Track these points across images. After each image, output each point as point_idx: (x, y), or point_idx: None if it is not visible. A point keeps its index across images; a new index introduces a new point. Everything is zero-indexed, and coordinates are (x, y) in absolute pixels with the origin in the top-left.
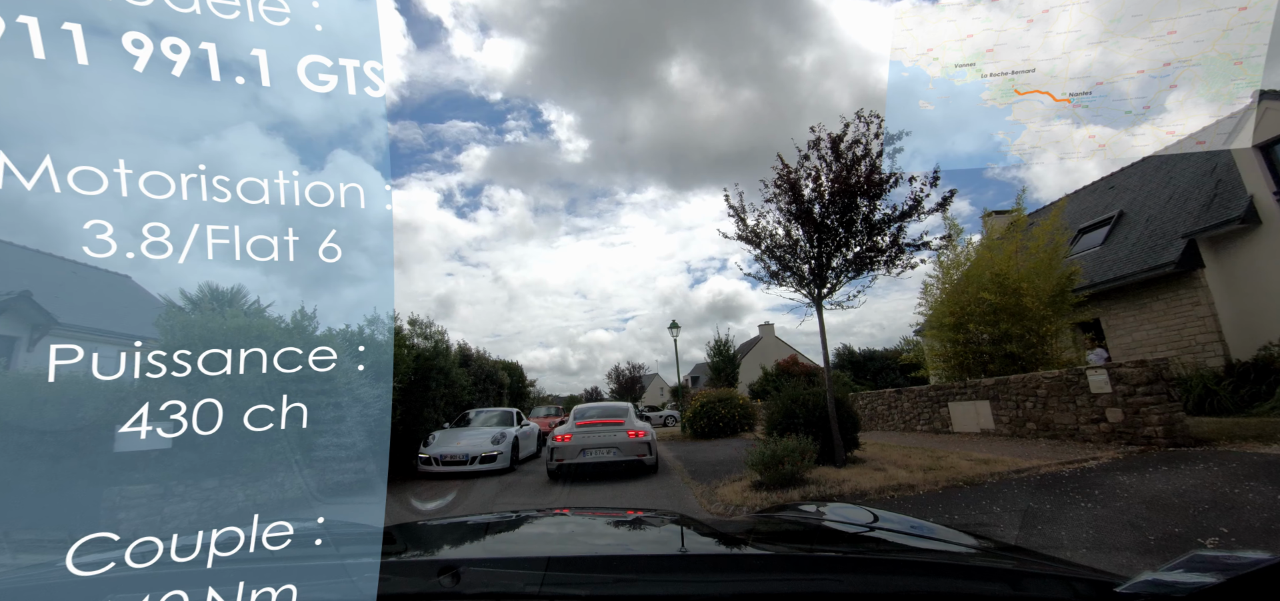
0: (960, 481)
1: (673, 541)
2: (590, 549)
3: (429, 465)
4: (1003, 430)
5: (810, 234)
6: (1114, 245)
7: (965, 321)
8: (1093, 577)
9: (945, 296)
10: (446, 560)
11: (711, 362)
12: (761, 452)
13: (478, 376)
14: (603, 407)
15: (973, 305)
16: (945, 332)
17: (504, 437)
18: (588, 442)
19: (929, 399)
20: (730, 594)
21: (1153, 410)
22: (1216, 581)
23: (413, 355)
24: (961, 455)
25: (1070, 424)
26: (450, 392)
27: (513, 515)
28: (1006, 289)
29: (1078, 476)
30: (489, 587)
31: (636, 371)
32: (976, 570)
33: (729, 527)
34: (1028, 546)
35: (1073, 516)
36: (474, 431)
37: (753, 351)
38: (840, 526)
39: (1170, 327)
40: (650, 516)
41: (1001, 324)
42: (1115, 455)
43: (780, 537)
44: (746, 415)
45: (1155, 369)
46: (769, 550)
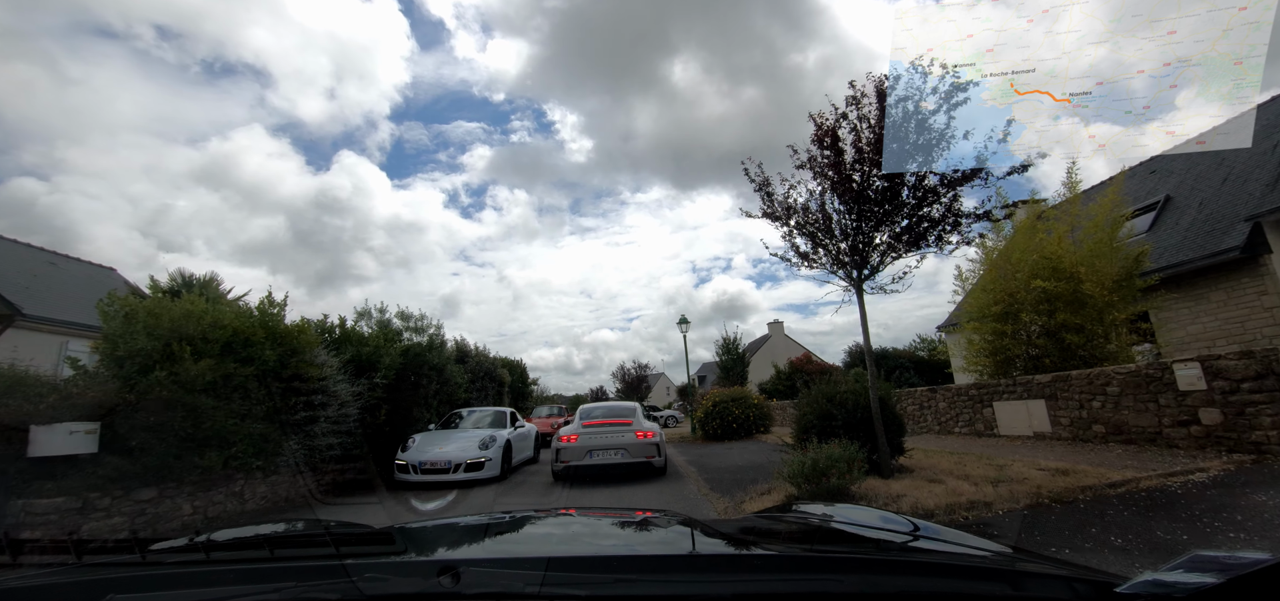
0: (1045, 498)
1: (673, 541)
2: (591, 549)
3: (406, 473)
4: (1062, 433)
5: (850, 205)
6: (1162, 232)
7: (1015, 310)
8: (1093, 577)
9: (990, 283)
10: (446, 560)
11: (720, 361)
12: (801, 461)
13: (475, 374)
14: (610, 407)
15: (1023, 293)
16: (988, 325)
17: (494, 441)
18: (594, 444)
19: (969, 399)
20: (731, 594)
21: (1264, 411)
22: (1216, 581)
23: (400, 350)
24: (1028, 463)
25: (1150, 426)
26: (445, 390)
27: (513, 515)
28: (1062, 274)
29: (1193, 493)
30: (489, 587)
31: (642, 371)
32: (976, 570)
33: (730, 527)
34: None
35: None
36: (461, 434)
37: (761, 350)
38: (841, 526)
39: (1231, 320)
40: (651, 517)
41: (1058, 313)
42: (1224, 466)
43: (781, 537)
44: (762, 416)
45: (1264, 361)
46: (770, 550)
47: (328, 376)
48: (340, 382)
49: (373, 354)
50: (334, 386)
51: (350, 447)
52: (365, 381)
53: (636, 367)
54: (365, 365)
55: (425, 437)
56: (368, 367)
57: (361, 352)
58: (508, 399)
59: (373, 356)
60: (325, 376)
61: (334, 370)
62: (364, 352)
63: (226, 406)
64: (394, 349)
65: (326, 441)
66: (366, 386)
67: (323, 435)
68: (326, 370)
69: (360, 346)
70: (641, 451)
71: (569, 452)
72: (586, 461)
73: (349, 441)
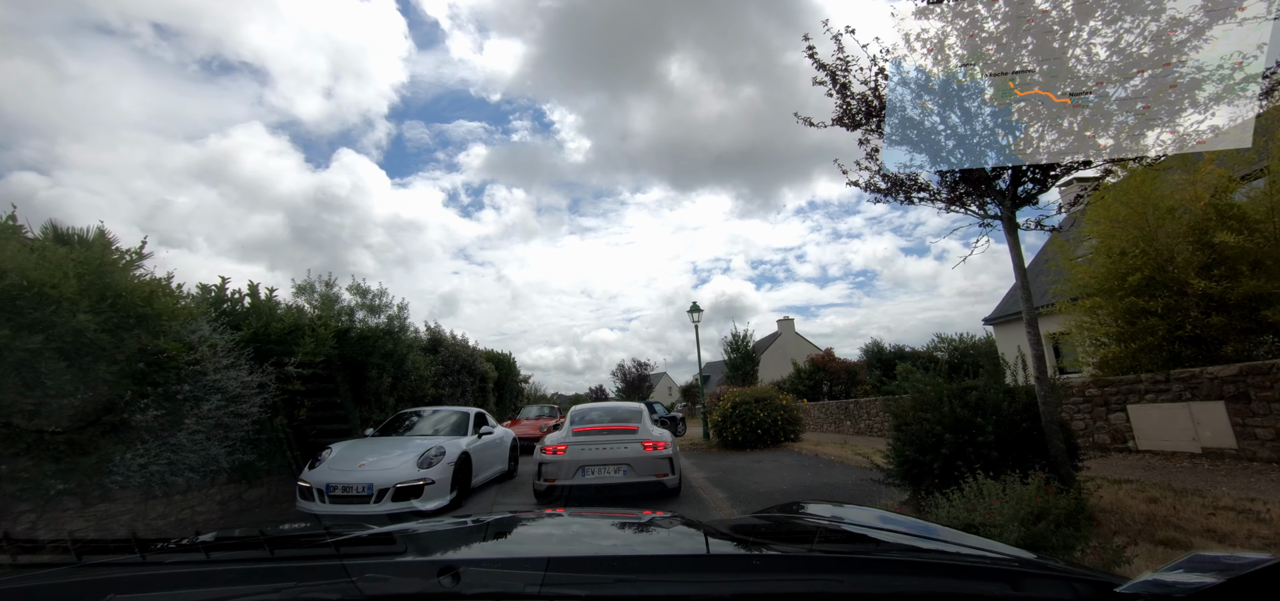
0: None
1: (674, 541)
2: (591, 549)
3: (310, 500)
4: (1259, 451)
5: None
6: None
7: (1167, 278)
8: (1093, 578)
9: (1118, 244)
10: (447, 560)
11: (728, 359)
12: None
13: (449, 366)
14: (608, 409)
15: (1186, 252)
16: (1118, 301)
17: (441, 456)
18: (589, 457)
19: (1085, 401)
20: (732, 594)
21: None
22: (1216, 581)
23: (333, 331)
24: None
25: None
26: (405, 385)
27: (513, 516)
28: (1250, 224)
29: None
30: (489, 587)
31: (644, 369)
32: (976, 570)
33: (730, 527)
34: None
35: None
36: (401, 443)
37: (771, 348)
38: (842, 526)
39: None
40: (651, 517)
41: (1245, 280)
42: None
43: (782, 537)
44: (790, 420)
45: None
46: (771, 550)
47: (203, 359)
48: (228, 369)
49: (286, 333)
50: (216, 373)
51: (248, 461)
52: (274, 368)
53: (637, 366)
54: (275, 347)
55: (348, 448)
56: (280, 351)
57: (270, 330)
58: (492, 397)
59: (287, 336)
60: (200, 359)
61: (218, 350)
62: (273, 330)
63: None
64: (325, 330)
65: (205, 452)
66: (276, 375)
67: (193, 445)
68: (203, 351)
69: (269, 322)
70: (649, 468)
71: (555, 468)
72: (578, 480)
73: (247, 452)
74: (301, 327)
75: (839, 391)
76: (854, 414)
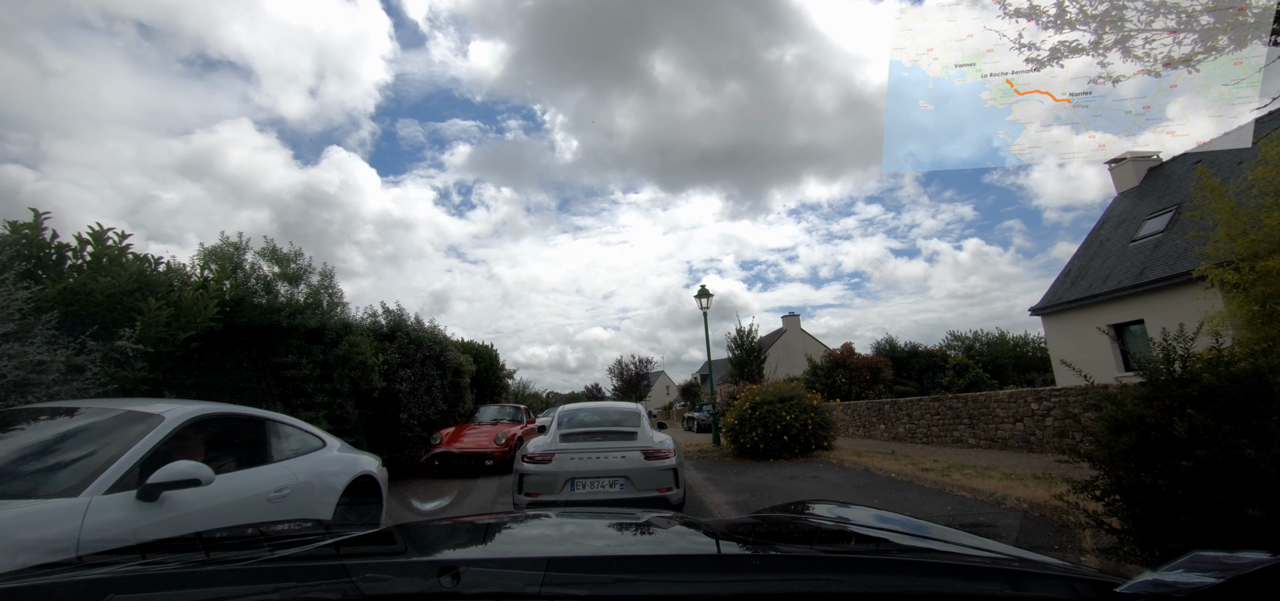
0: None
1: (673, 541)
2: (591, 549)
3: None
4: None
5: None
6: None
7: None
8: (1093, 577)
9: None
10: (446, 560)
11: (732, 356)
12: None
13: (410, 358)
14: (601, 410)
15: None
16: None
17: None
18: (579, 469)
19: None
20: (731, 594)
21: None
22: (1216, 581)
23: (215, 299)
24: None
25: None
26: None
27: (513, 515)
28: None
29: None
30: (489, 587)
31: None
32: (976, 570)
33: (731, 527)
34: None
35: None
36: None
37: (775, 345)
38: (841, 526)
39: None
40: (651, 517)
41: None
42: None
43: (783, 537)
44: (822, 424)
45: None
46: (771, 549)
47: None
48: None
49: (123, 294)
50: None
51: None
52: (98, 344)
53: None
54: (101, 313)
55: None
56: (110, 319)
57: (93, 290)
58: (470, 394)
59: (123, 299)
60: None
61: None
62: (96, 290)
63: None
64: (199, 295)
65: None
66: (101, 357)
67: None
68: None
69: (96, 277)
70: (650, 481)
71: (538, 481)
72: (566, 496)
73: None
74: (146, 288)
75: (856, 391)
76: (889, 416)
